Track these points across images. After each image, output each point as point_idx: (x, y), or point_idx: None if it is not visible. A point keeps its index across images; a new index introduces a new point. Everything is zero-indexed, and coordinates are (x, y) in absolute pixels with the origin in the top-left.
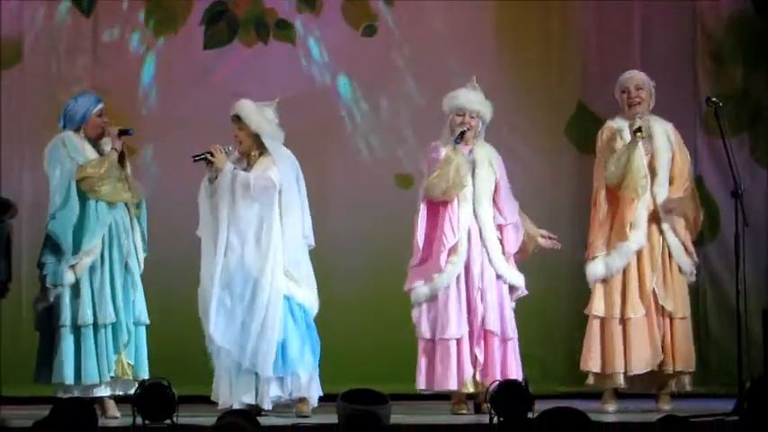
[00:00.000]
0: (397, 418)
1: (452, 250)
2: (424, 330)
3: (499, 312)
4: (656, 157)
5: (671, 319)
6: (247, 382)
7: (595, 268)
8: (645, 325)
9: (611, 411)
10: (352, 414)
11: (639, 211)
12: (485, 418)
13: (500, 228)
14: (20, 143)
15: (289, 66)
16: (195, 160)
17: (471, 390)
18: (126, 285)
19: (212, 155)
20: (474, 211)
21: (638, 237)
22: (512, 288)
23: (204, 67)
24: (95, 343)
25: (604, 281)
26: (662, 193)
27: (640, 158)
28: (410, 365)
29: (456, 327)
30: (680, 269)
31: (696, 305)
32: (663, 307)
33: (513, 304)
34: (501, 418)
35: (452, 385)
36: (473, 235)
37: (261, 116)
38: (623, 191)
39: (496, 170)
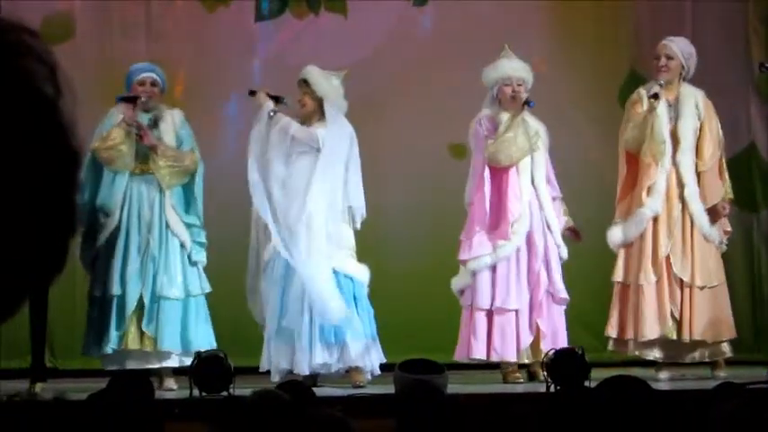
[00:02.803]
0: (454, 387)
1: (516, 220)
2: (482, 300)
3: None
4: (679, 125)
5: (690, 289)
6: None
7: (613, 234)
8: (655, 292)
9: (663, 379)
10: (408, 384)
11: (658, 177)
12: (541, 387)
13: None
14: None
15: (340, 37)
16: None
17: (527, 360)
18: (144, 259)
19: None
20: (533, 181)
21: (654, 204)
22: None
23: (256, 40)
24: (101, 315)
25: (626, 247)
26: (685, 161)
27: (659, 125)
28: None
29: (516, 297)
30: (705, 238)
31: (751, 271)
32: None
33: None
34: (557, 387)
35: (511, 356)
36: (533, 205)
37: (328, 82)
38: (642, 156)
39: (546, 142)
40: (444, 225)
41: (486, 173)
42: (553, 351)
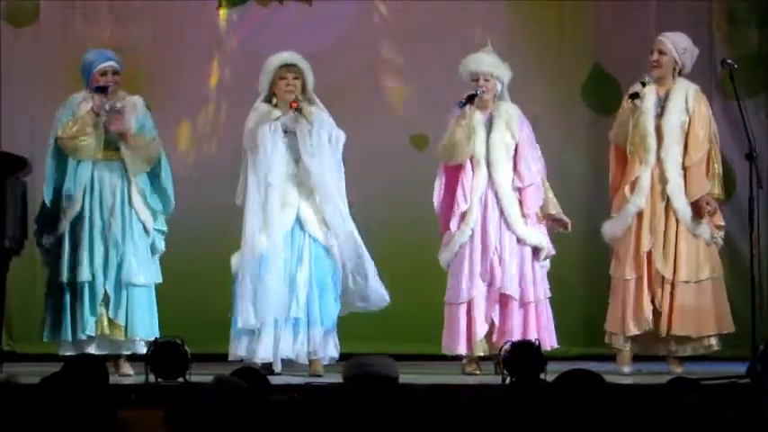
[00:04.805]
0: (407, 378)
1: (464, 216)
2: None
3: (518, 276)
4: (663, 121)
5: (672, 284)
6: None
7: (604, 229)
8: (636, 288)
9: (626, 373)
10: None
11: (642, 173)
12: (496, 379)
13: (519, 190)
14: (35, 102)
15: (304, 25)
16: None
17: (481, 353)
18: (107, 245)
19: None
20: (490, 175)
21: (637, 200)
22: (536, 249)
23: (220, 26)
24: (71, 302)
25: (617, 241)
26: (669, 157)
27: (643, 120)
28: (424, 327)
29: (466, 291)
30: (692, 233)
31: None
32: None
33: (548, 265)
34: (513, 379)
35: (460, 349)
36: (489, 200)
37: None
38: (628, 152)
39: (516, 132)
40: (404, 216)
41: (442, 170)
42: (509, 343)
